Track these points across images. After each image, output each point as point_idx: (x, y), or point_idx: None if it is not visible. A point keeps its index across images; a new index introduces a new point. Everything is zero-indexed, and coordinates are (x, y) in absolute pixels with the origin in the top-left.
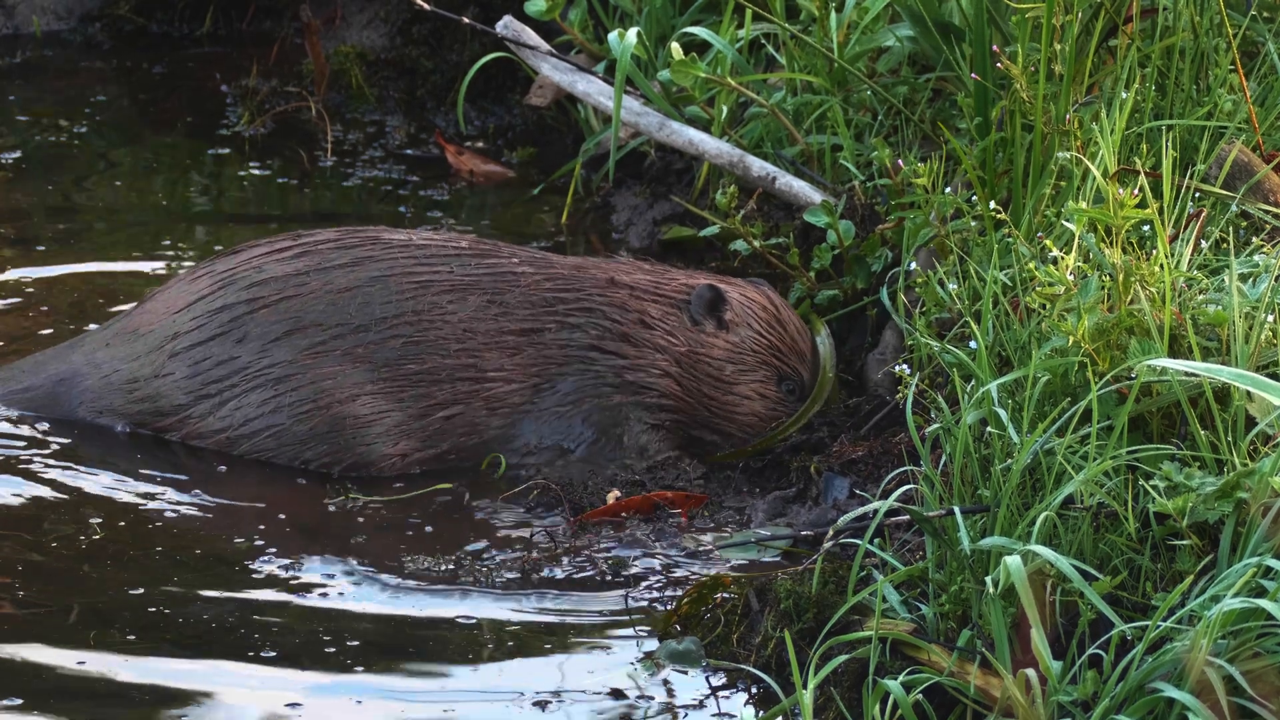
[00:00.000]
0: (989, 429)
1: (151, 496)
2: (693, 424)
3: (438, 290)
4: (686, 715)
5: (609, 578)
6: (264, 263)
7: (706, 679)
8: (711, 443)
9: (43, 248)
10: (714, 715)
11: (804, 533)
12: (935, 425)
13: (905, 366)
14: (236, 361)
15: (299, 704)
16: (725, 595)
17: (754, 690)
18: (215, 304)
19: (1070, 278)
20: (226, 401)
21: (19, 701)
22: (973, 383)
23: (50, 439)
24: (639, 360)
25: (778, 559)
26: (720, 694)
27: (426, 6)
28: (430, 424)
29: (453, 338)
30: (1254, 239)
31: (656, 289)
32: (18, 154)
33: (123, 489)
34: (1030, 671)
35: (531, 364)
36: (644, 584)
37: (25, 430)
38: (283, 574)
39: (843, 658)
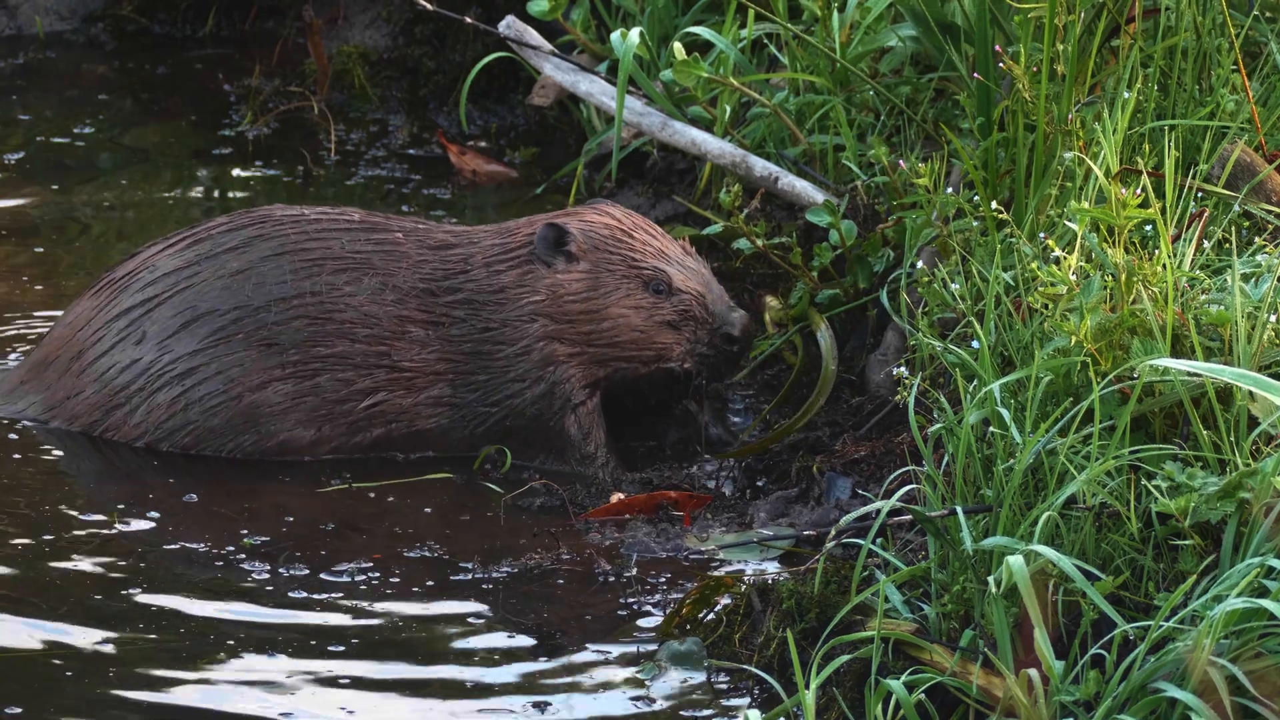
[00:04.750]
0: (991, 429)
1: (143, 492)
2: (594, 365)
3: (332, 269)
4: (689, 716)
5: (611, 578)
6: (157, 260)
7: (709, 680)
8: (623, 375)
9: (41, 249)
10: (716, 716)
11: (806, 533)
12: (938, 425)
13: (905, 369)
14: (139, 364)
15: (292, 708)
16: (727, 596)
17: (756, 691)
18: (113, 312)
19: (1073, 278)
20: (138, 407)
21: (18, 710)
22: (975, 382)
23: (36, 446)
24: (521, 340)
25: (780, 559)
26: (723, 695)
27: (429, 6)
28: (354, 410)
29: (358, 322)
30: (1256, 239)
31: (505, 251)
32: (21, 154)
33: (113, 483)
34: (1033, 671)
35: (440, 358)
36: (646, 584)
37: (11, 437)
38: (275, 573)
39: (845, 658)
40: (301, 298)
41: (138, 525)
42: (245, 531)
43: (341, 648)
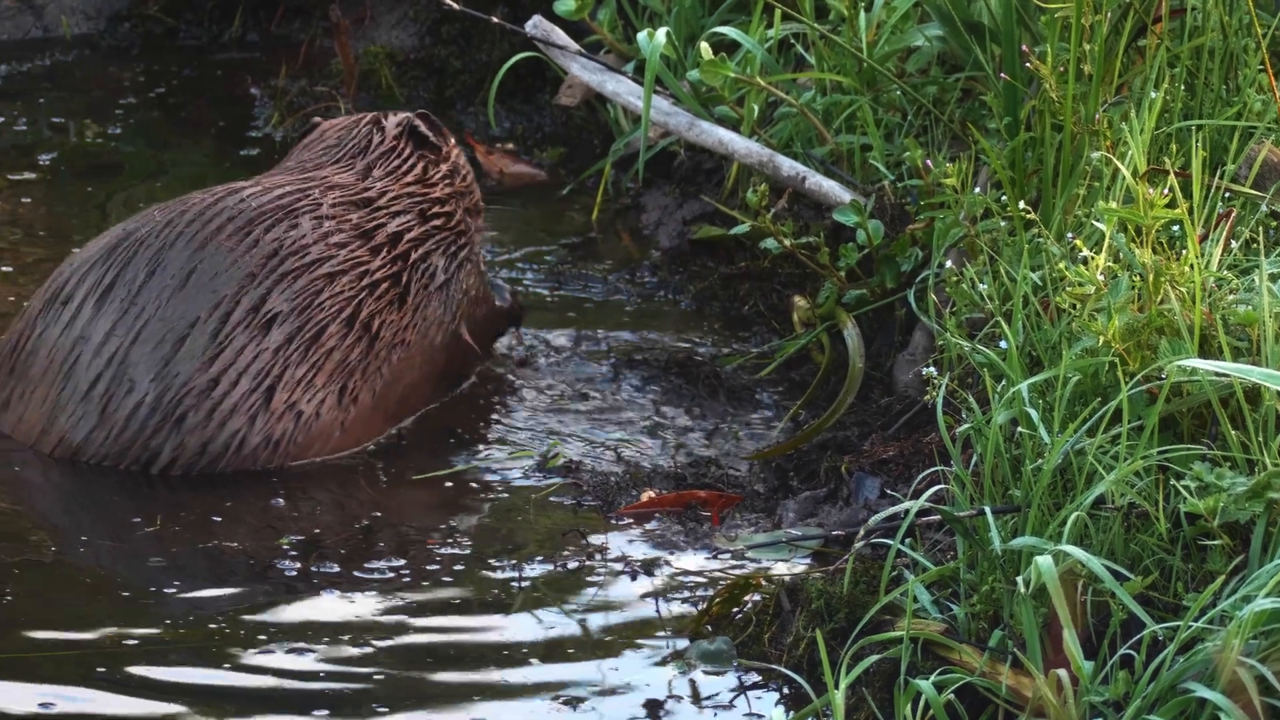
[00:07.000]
0: (1020, 429)
1: (173, 494)
2: (476, 235)
3: (265, 226)
4: (718, 715)
5: (641, 576)
6: (81, 331)
7: (738, 679)
8: None
9: (77, 250)
10: (745, 715)
11: (835, 533)
12: (966, 425)
13: (934, 369)
14: (144, 405)
15: (323, 705)
16: (756, 595)
17: (786, 690)
18: (79, 392)
19: (1100, 278)
20: (163, 445)
21: (51, 703)
22: (1003, 383)
23: (55, 462)
24: (454, 215)
25: (809, 559)
26: (752, 694)
27: (455, 6)
28: (365, 350)
29: (326, 259)
30: None
31: (395, 156)
32: (52, 155)
33: (141, 487)
34: (1062, 672)
35: (399, 252)
36: (675, 583)
37: (19, 452)
38: (306, 570)
39: (874, 658)
40: (266, 264)
41: (168, 526)
42: (276, 529)
43: (372, 645)
